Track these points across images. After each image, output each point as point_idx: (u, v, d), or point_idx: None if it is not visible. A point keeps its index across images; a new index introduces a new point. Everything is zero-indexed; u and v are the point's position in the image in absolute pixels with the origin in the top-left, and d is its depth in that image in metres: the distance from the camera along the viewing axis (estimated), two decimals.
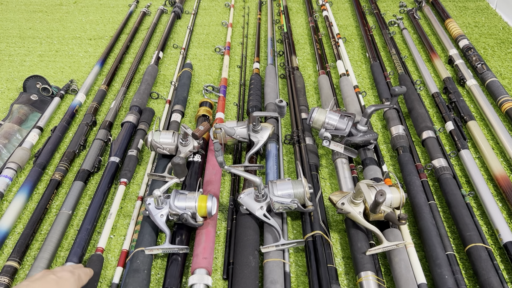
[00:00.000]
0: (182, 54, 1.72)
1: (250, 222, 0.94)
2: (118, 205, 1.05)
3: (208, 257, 0.89)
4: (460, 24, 1.81)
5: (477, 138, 1.18)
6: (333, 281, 0.82)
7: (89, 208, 1.02)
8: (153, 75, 1.54)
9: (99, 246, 0.95)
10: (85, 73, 1.67)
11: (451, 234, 0.97)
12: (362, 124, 1.07)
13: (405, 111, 1.35)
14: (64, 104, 1.50)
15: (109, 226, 1.00)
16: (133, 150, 1.18)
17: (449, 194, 0.99)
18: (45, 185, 1.15)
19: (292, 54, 1.64)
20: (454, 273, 0.83)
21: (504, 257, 0.91)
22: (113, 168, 1.13)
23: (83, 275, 0.78)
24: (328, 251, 0.88)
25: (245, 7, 2.16)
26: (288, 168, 1.19)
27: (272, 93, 1.38)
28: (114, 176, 1.13)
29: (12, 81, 1.63)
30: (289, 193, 0.92)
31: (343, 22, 1.95)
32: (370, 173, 1.05)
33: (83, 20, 2.12)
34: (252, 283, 0.83)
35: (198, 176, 1.10)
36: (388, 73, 1.46)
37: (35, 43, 1.91)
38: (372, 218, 0.88)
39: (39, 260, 0.90)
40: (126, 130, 1.26)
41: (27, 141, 1.27)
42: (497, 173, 1.06)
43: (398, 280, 0.82)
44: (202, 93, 1.48)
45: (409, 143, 1.15)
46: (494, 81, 1.36)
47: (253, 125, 1.11)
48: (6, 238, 1.00)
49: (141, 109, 1.36)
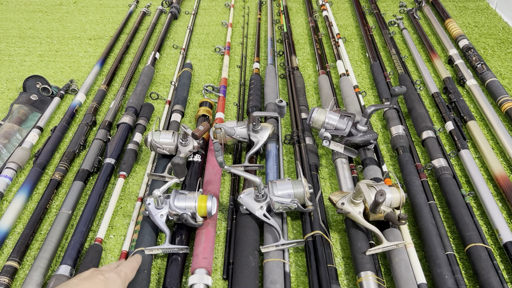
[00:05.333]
0: (182, 54, 1.72)
1: (250, 222, 0.94)
2: (117, 197, 1.07)
3: (208, 257, 0.89)
4: (460, 24, 1.81)
5: (477, 138, 1.18)
6: (333, 281, 0.82)
7: (84, 209, 1.02)
8: (149, 76, 1.54)
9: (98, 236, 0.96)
10: (85, 73, 1.67)
11: (451, 234, 0.97)
12: (362, 124, 1.07)
13: (405, 111, 1.35)
14: (64, 104, 1.50)
15: (109, 216, 1.01)
16: (132, 144, 1.20)
17: (449, 194, 0.99)
18: (45, 185, 1.15)
19: (292, 54, 1.64)
20: (454, 273, 0.83)
21: (504, 257, 0.91)
22: (108, 169, 1.14)
23: (129, 272, 0.76)
24: (328, 251, 0.88)
25: (245, 7, 2.16)
26: (288, 168, 1.19)
27: (272, 93, 1.38)
28: (110, 178, 1.13)
29: (12, 81, 1.63)
30: (289, 193, 0.92)
31: (343, 22, 1.95)
32: (370, 173, 1.05)
33: (83, 20, 2.12)
34: (252, 283, 0.83)
35: (198, 176, 1.10)
36: (388, 73, 1.46)
37: (35, 43, 1.91)
38: (372, 218, 0.88)
39: (39, 260, 0.90)
40: (122, 131, 1.26)
41: (27, 141, 1.27)
42: (497, 173, 1.06)
43: (398, 280, 0.82)
44: (202, 93, 1.48)
45: (409, 143, 1.15)
46: (494, 81, 1.36)
47: (253, 125, 1.11)
48: (6, 238, 1.00)
49: (137, 110, 1.36)
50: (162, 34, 1.86)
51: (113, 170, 1.16)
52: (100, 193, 1.07)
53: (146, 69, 1.56)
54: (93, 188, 1.08)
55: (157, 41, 1.80)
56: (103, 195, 1.09)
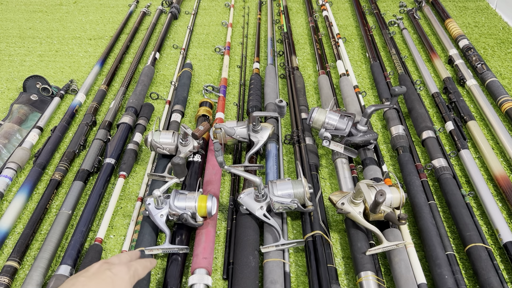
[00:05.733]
0: (182, 54, 1.72)
1: (250, 222, 0.94)
2: (117, 197, 1.07)
3: (208, 257, 0.89)
4: (460, 24, 1.81)
5: (477, 138, 1.18)
6: (333, 281, 0.82)
7: (84, 209, 1.02)
8: (149, 76, 1.54)
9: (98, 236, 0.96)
10: (85, 73, 1.67)
11: (451, 234, 0.97)
12: (362, 124, 1.07)
13: (405, 111, 1.35)
14: (64, 104, 1.50)
15: (109, 216, 1.02)
16: (132, 144, 1.20)
17: (449, 194, 0.99)
18: (45, 185, 1.15)
19: (292, 54, 1.64)
20: (454, 273, 0.83)
21: (504, 257, 0.91)
22: (108, 169, 1.14)
23: (140, 269, 0.69)
24: (328, 251, 0.88)
25: (245, 7, 2.16)
26: (288, 168, 1.19)
27: (272, 93, 1.38)
28: (110, 178, 1.14)
29: (12, 81, 1.63)
30: (289, 193, 0.92)
31: (343, 22, 1.95)
32: (370, 173, 1.05)
33: (83, 20, 2.12)
34: (252, 283, 0.83)
35: (198, 176, 1.10)
36: (388, 73, 1.46)
37: (35, 43, 1.91)
38: (372, 218, 0.88)
39: (39, 260, 0.90)
40: (122, 131, 1.26)
41: (27, 141, 1.27)
42: (497, 173, 1.06)
43: (398, 280, 0.82)
44: (202, 93, 1.48)
45: (409, 143, 1.15)
46: (494, 81, 1.36)
47: (253, 125, 1.11)
48: (6, 238, 1.00)
49: (137, 110, 1.36)
50: (162, 34, 1.86)
51: (113, 170, 1.16)
52: (100, 193, 1.07)
53: (146, 69, 1.56)
54: (93, 188, 1.08)
55: (157, 41, 1.80)
56: (103, 195, 1.09)
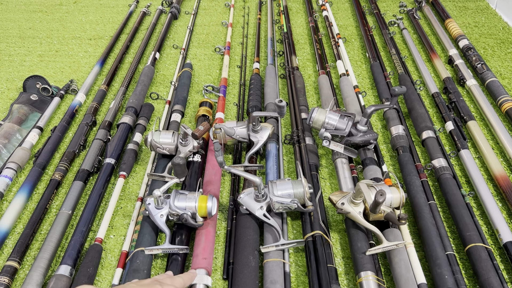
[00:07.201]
0: (182, 54, 1.72)
1: (250, 222, 0.94)
2: (117, 197, 1.07)
3: (208, 257, 0.89)
4: (460, 24, 1.81)
5: (477, 138, 1.18)
6: (333, 281, 0.82)
7: (84, 209, 1.02)
8: (149, 76, 1.54)
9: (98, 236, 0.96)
10: (85, 73, 1.67)
11: (451, 234, 0.97)
12: (362, 124, 1.07)
13: (405, 111, 1.35)
14: (64, 104, 1.50)
15: (109, 216, 1.02)
16: (132, 144, 1.20)
17: (449, 194, 0.99)
18: (45, 185, 1.15)
19: (292, 54, 1.64)
20: (454, 273, 0.83)
21: (504, 257, 0.91)
22: (108, 169, 1.14)
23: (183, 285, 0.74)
24: (328, 251, 0.88)
25: (245, 7, 2.16)
26: (288, 168, 1.19)
27: (272, 93, 1.38)
28: (110, 178, 1.13)
29: (12, 81, 1.63)
30: (289, 193, 0.92)
31: (343, 22, 1.95)
32: (370, 173, 1.05)
33: (83, 20, 2.12)
34: (252, 283, 0.83)
35: (198, 176, 1.10)
36: (388, 73, 1.46)
37: (35, 43, 1.91)
38: (372, 218, 0.88)
39: (39, 260, 0.90)
40: (122, 131, 1.26)
41: (27, 141, 1.27)
42: (497, 173, 1.06)
43: (398, 280, 0.82)
44: (202, 93, 1.48)
45: (409, 143, 1.15)
46: (494, 81, 1.36)
47: (253, 125, 1.11)
48: (6, 238, 1.00)
49: (137, 110, 1.36)
50: (162, 34, 1.86)
51: (113, 170, 1.16)
52: (100, 193, 1.07)
53: (146, 69, 1.56)
54: (93, 188, 1.08)
55: (157, 41, 1.80)
56: (103, 195, 1.09)
